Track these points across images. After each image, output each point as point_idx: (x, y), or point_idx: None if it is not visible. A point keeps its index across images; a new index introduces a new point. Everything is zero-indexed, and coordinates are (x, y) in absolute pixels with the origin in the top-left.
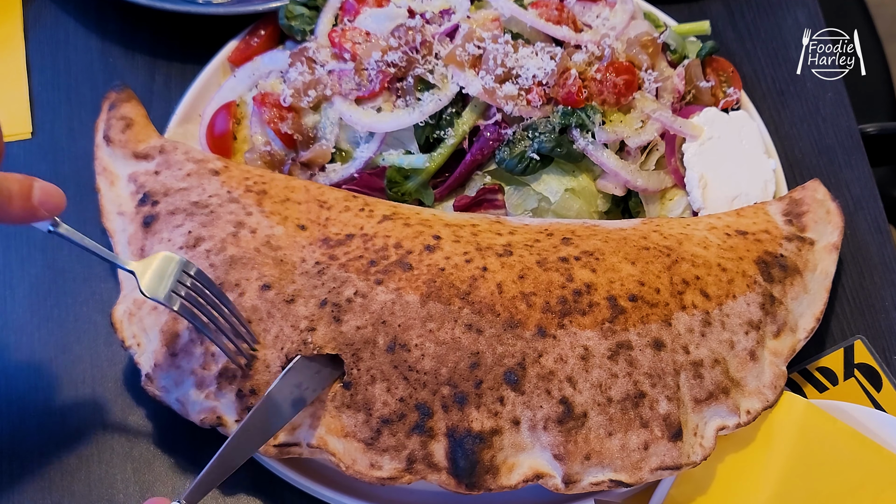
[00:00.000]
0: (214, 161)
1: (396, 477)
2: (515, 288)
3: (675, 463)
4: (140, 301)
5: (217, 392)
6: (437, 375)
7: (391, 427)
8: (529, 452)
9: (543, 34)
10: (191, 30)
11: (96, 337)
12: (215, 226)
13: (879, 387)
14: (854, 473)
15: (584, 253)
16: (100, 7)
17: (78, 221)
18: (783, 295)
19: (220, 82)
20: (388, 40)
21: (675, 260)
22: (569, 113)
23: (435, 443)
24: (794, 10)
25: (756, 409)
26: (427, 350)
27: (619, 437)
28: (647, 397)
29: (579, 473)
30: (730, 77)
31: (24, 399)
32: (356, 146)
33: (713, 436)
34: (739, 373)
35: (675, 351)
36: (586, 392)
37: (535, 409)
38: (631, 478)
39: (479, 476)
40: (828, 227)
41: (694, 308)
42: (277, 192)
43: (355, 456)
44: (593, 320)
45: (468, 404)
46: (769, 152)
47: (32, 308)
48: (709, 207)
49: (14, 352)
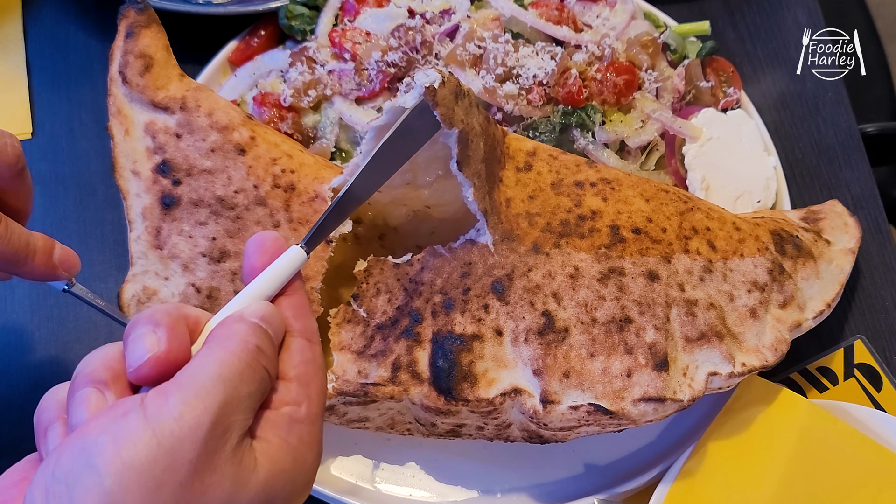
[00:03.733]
0: (241, 129)
1: (380, 384)
2: (522, 206)
3: (660, 394)
4: (151, 291)
5: None
6: (432, 285)
7: (383, 332)
8: (511, 370)
9: (544, 34)
10: (191, 30)
11: (96, 337)
12: (241, 238)
13: (879, 387)
14: (855, 473)
15: (601, 180)
16: (100, 7)
17: (78, 221)
18: (794, 271)
19: (221, 82)
20: (389, 40)
21: (691, 208)
22: (569, 112)
23: (420, 349)
24: (794, 10)
25: (753, 364)
26: (427, 262)
27: (602, 360)
28: (633, 323)
29: (557, 393)
30: (730, 77)
31: (24, 399)
32: (356, 146)
33: (704, 379)
34: (737, 326)
35: (669, 286)
36: (570, 309)
37: (518, 320)
38: (612, 405)
39: (457, 382)
40: (845, 236)
41: (698, 254)
42: (306, 185)
43: (346, 366)
44: (590, 244)
45: (454, 310)
46: (769, 151)
47: (32, 308)
48: None
49: (14, 352)
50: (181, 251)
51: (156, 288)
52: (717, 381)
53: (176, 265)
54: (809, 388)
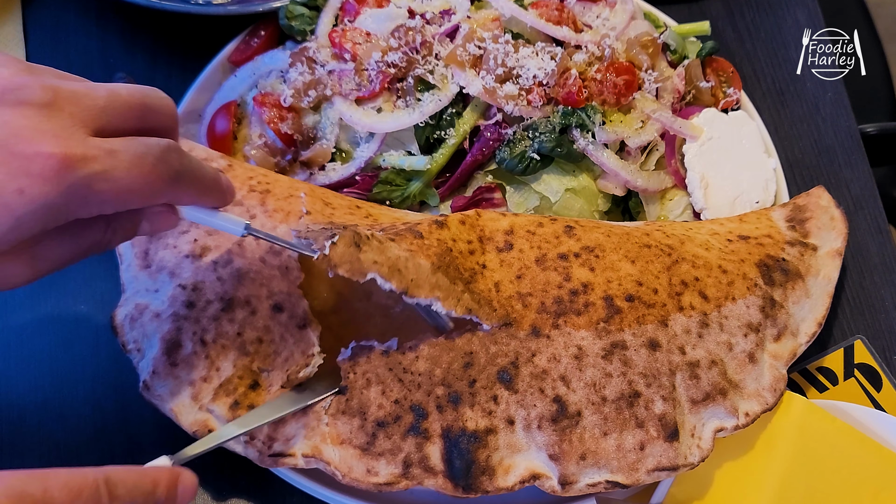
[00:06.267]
0: (218, 160)
1: (393, 482)
2: (513, 287)
3: (672, 464)
4: (142, 306)
5: (210, 404)
6: (431, 376)
7: (386, 430)
8: (525, 454)
9: (544, 34)
10: (191, 30)
11: (96, 337)
12: (220, 233)
13: (879, 387)
14: (854, 473)
15: (584, 249)
16: (100, 7)
17: None
18: (784, 299)
19: (221, 82)
20: (389, 40)
21: (676, 260)
22: (569, 113)
23: (431, 444)
24: (794, 10)
25: (755, 411)
26: (421, 352)
27: (615, 437)
28: (642, 397)
29: (575, 474)
30: (730, 77)
31: (24, 398)
32: (356, 146)
33: (711, 437)
34: (738, 375)
35: (670, 351)
36: (580, 391)
37: (529, 407)
38: (628, 479)
39: (476, 477)
40: (831, 234)
41: (692, 309)
42: (282, 191)
43: (351, 463)
44: (588, 320)
45: (462, 403)
46: (769, 151)
47: (32, 308)
48: (711, 208)
49: (14, 352)
50: (168, 261)
51: (146, 302)
52: (724, 434)
53: (164, 275)
54: (809, 387)
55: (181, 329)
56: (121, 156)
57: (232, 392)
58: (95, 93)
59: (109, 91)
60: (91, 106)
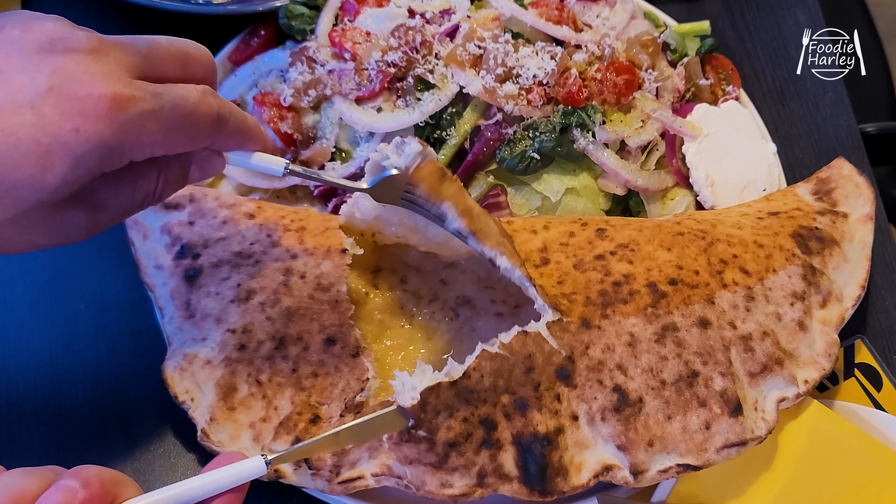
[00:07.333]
0: (247, 203)
1: (468, 493)
2: (555, 290)
3: (740, 438)
4: (192, 355)
5: (272, 444)
6: (495, 388)
7: (459, 448)
8: (593, 449)
9: (544, 34)
10: (191, 30)
11: (96, 336)
12: (263, 276)
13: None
14: (860, 473)
15: (619, 246)
16: (100, 7)
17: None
18: (824, 266)
19: (221, 82)
20: (389, 40)
21: (711, 242)
22: (569, 112)
23: (503, 453)
24: (794, 9)
25: (813, 377)
26: (484, 368)
27: (679, 420)
28: (700, 376)
29: (645, 462)
30: (729, 75)
31: (24, 398)
32: (356, 146)
33: (774, 408)
34: (791, 344)
35: (721, 328)
36: (638, 378)
37: (590, 400)
38: (698, 460)
39: (551, 480)
40: (859, 200)
41: (735, 285)
42: (316, 226)
43: (424, 478)
44: (636, 307)
45: (530, 408)
46: (766, 136)
47: (33, 307)
48: (719, 203)
49: (14, 351)
50: (212, 308)
51: (195, 351)
52: (786, 404)
53: (209, 322)
54: None
55: (235, 372)
56: (165, 97)
57: (293, 429)
58: (137, 41)
59: (150, 40)
60: (135, 52)
